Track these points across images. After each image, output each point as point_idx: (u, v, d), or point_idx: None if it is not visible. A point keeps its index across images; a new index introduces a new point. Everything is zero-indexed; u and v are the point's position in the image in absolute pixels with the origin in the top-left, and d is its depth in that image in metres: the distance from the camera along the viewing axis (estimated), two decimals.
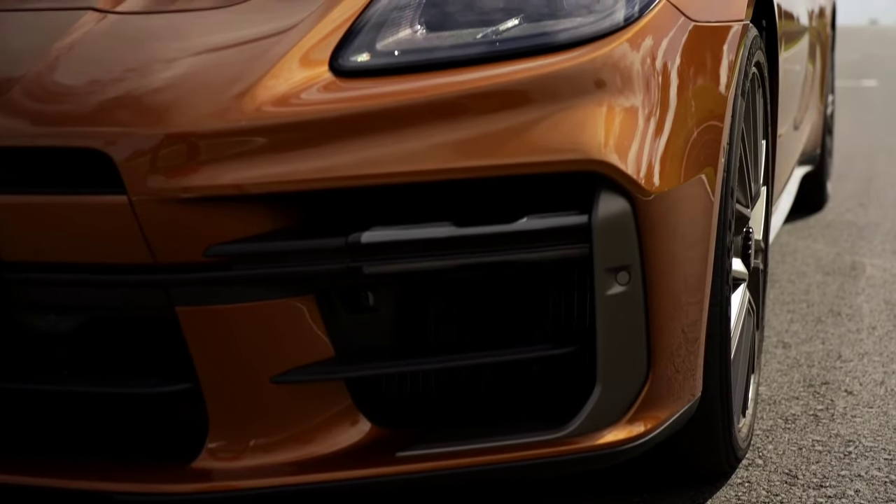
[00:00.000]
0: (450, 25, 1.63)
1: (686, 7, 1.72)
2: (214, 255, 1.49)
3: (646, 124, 1.60)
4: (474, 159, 1.51)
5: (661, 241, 1.62)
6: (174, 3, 1.63)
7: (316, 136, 1.49)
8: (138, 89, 1.51)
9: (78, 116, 1.50)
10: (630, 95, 1.59)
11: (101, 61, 1.55)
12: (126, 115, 1.49)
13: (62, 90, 1.53)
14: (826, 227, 4.56)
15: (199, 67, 1.53)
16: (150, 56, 1.55)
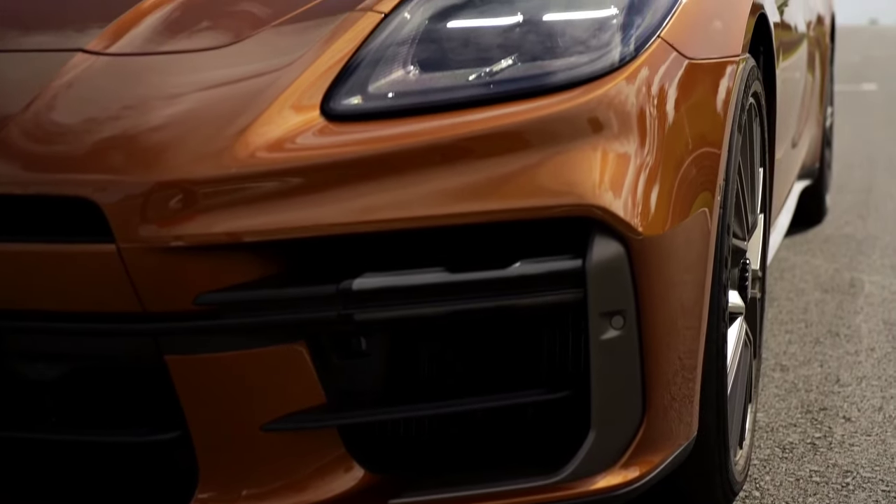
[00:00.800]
0: (443, 66, 1.61)
1: (681, 45, 1.71)
2: (204, 304, 1.47)
3: (640, 166, 1.59)
4: (467, 205, 1.50)
5: (657, 284, 1.60)
6: (164, 45, 1.62)
7: (309, 182, 1.48)
8: (127, 135, 1.49)
9: (65, 164, 1.48)
10: (624, 137, 1.58)
11: (90, 106, 1.54)
12: (115, 161, 1.48)
13: (48, 136, 1.51)
14: (825, 242, 4.54)
15: (189, 113, 1.51)
16: (140, 101, 1.53)
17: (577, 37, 1.64)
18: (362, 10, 1.63)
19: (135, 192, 1.46)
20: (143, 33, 1.63)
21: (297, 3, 1.69)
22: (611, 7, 1.68)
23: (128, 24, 1.65)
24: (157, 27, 1.65)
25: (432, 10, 1.65)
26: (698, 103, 1.72)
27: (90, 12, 1.76)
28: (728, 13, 1.90)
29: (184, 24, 1.66)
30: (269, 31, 1.63)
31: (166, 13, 1.68)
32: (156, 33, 1.64)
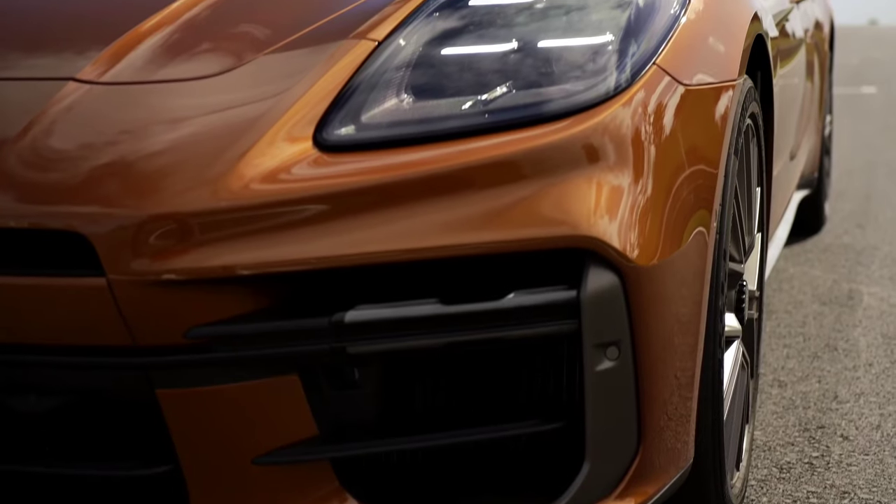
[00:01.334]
0: (437, 93, 1.60)
1: (677, 71, 1.69)
2: (195, 338, 1.46)
3: (635, 195, 1.58)
4: (460, 237, 1.49)
5: (652, 313, 1.59)
6: (156, 73, 1.60)
7: (303, 214, 1.47)
8: (118, 167, 1.48)
9: (53, 196, 1.47)
10: (619, 166, 1.57)
11: (80, 137, 1.52)
12: (104, 194, 1.46)
13: (37, 168, 1.50)
14: (823, 252, 4.53)
15: (181, 145, 1.50)
16: (131, 132, 1.52)
17: (573, 64, 1.63)
18: (356, 37, 1.62)
19: (125, 225, 1.44)
20: (135, 61, 1.62)
21: (292, 28, 1.68)
22: (606, 33, 1.67)
23: (122, 50, 1.64)
24: (151, 54, 1.64)
25: (426, 37, 1.64)
26: (694, 130, 1.71)
27: (87, 35, 1.74)
28: (725, 37, 1.88)
29: (177, 51, 1.65)
30: (263, 59, 1.61)
31: (161, 39, 1.66)
32: (149, 61, 1.62)
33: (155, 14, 1.72)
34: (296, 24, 1.69)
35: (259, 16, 1.76)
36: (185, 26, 1.70)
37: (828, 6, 5.10)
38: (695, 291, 1.70)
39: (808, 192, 4.55)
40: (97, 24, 1.79)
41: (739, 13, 2.01)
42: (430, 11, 1.67)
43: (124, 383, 1.50)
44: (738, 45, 1.92)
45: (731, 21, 1.95)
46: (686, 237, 1.66)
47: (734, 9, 1.99)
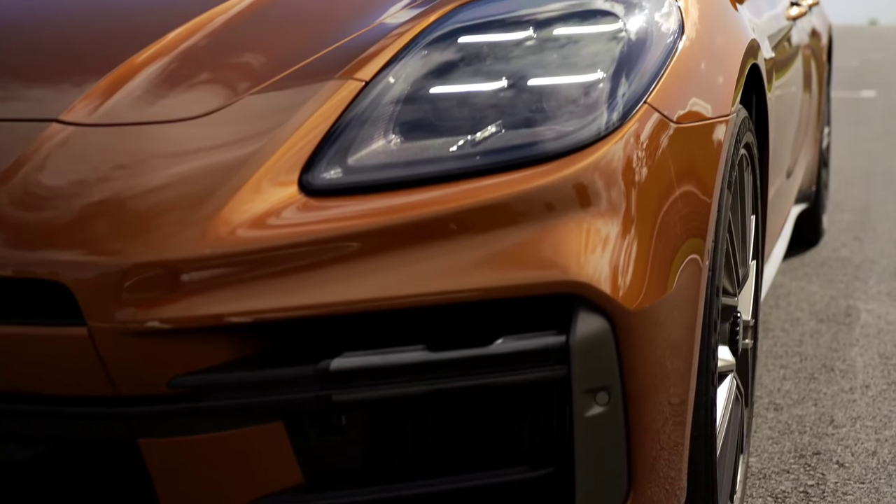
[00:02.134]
0: (425, 134, 1.58)
1: (668, 109, 1.67)
2: (178, 387, 1.44)
3: (626, 237, 1.55)
4: (448, 284, 1.47)
5: (643, 357, 1.57)
6: (141, 114, 1.58)
7: (289, 262, 1.44)
8: (100, 213, 1.46)
9: (35, 243, 1.45)
10: (610, 208, 1.55)
11: (62, 182, 1.50)
12: (86, 241, 1.44)
13: (19, 213, 1.48)
14: (821, 266, 4.51)
15: (165, 189, 1.47)
16: (114, 177, 1.49)
17: (563, 103, 1.60)
18: (342, 78, 1.60)
19: (107, 273, 1.42)
20: (120, 100, 1.60)
21: (281, 65, 1.66)
22: (597, 71, 1.65)
23: (106, 89, 1.62)
24: (136, 93, 1.61)
25: (414, 76, 1.62)
26: (687, 168, 1.69)
27: (73, 70, 1.72)
28: (718, 71, 1.86)
29: (163, 90, 1.62)
30: (249, 99, 1.59)
31: (147, 76, 1.64)
32: (134, 100, 1.60)
33: (142, 49, 1.70)
34: (285, 60, 1.67)
35: (247, 51, 1.73)
36: (174, 62, 1.67)
37: (825, 17, 5.09)
38: (687, 331, 1.68)
39: (805, 205, 4.53)
40: (85, 57, 1.76)
41: (734, 44, 1.99)
42: (419, 50, 1.64)
43: (106, 433, 1.47)
44: (731, 78, 1.89)
45: (724, 53, 1.92)
46: (678, 277, 1.64)
47: (728, 40, 1.97)
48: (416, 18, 1.73)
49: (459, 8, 1.72)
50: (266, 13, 1.84)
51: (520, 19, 1.70)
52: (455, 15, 1.71)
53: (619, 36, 1.69)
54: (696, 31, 1.82)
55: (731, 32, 2.01)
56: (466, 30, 1.68)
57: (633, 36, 1.71)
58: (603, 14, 1.72)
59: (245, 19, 1.79)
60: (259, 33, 1.78)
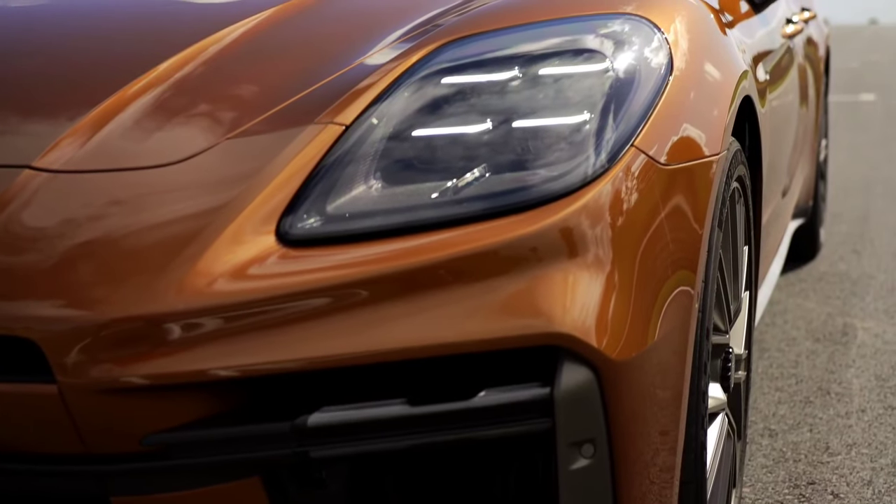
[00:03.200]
0: (406, 179, 1.54)
1: (656, 151, 1.64)
2: (152, 445, 1.40)
3: (612, 286, 1.52)
4: (430, 338, 1.43)
5: (629, 407, 1.54)
6: (116, 159, 1.54)
7: (268, 315, 1.41)
8: (72, 266, 1.43)
9: (3, 299, 1.42)
10: (595, 256, 1.51)
11: (32, 232, 1.47)
12: (57, 295, 1.41)
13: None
14: (818, 281, 4.48)
15: (139, 240, 1.44)
16: (86, 227, 1.46)
17: (548, 147, 1.57)
18: (323, 121, 1.57)
19: (77, 329, 1.39)
20: (97, 144, 1.56)
21: (263, 104, 1.63)
22: (583, 112, 1.61)
23: (85, 129, 1.59)
24: (113, 136, 1.58)
25: (395, 120, 1.58)
26: (675, 211, 1.65)
27: (48, 112, 1.69)
28: (708, 108, 1.82)
29: (142, 132, 1.59)
30: (227, 143, 1.56)
31: (126, 118, 1.60)
32: (110, 143, 1.57)
33: (119, 88, 1.67)
34: (265, 101, 1.64)
35: (227, 91, 1.70)
36: (153, 103, 1.64)
37: (822, 27, 5.05)
38: (675, 376, 1.65)
39: (802, 220, 4.50)
40: (64, 94, 1.73)
41: (725, 77, 1.95)
42: (401, 92, 1.61)
43: (78, 490, 1.44)
44: (723, 114, 1.85)
45: (716, 88, 1.88)
46: (666, 323, 1.60)
47: (719, 74, 1.93)
48: (400, 57, 1.70)
49: (443, 47, 1.69)
50: (245, 50, 1.81)
51: (504, 59, 1.67)
52: (439, 55, 1.67)
53: (607, 76, 1.66)
54: (686, 68, 1.78)
55: (722, 64, 1.98)
56: (450, 70, 1.64)
57: (621, 75, 1.67)
58: (590, 53, 1.68)
59: (225, 58, 1.76)
60: (239, 72, 1.75)
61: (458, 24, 1.77)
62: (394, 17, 1.93)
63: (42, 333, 1.39)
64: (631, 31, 1.75)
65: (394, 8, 2.05)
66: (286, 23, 1.92)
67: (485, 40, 1.71)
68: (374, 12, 2.02)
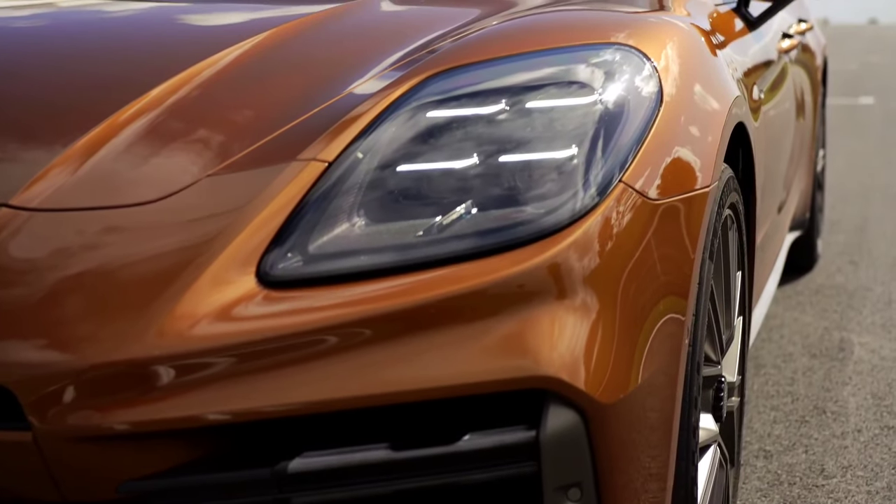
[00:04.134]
0: (390, 217, 1.51)
1: (645, 186, 1.61)
2: (128, 493, 1.38)
3: (600, 326, 1.49)
4: (414, 383, 1.40)
5: (617, 449, 1.51)
6: (95, 197, 1.52)
7: (249, 360, 1.38)
8: (49, 310, 1.40)
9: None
10: (582, 296, 1.49)
11: (9, 274, 1.44)
12: (33, 341, 1.38)
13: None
14: (815, 294, 4.45)
15: (118, 283, 1.41)
16: (64, 268, 1.43)
17: (535, 183, 1.54)
18: (305, 159, 1.54)
19: (54, 375, 1.36)
20: (75, 180, 1.54)
21: (245, 139, 1.60)
22: (571, 147, 1.58)
23: (64, 164, 1.56)
24: (91, 171, 1.55)
25: (379, 155, 1.55)
26: (665, 246, 1.62)
27: (27, 146, 1.66)
28: (699, 139, 1.79)
29: (121, 167, 1.56)
30: (207, 181, 1.53)
31: (106, 153, 1.58)
32: (88, 179, 1.54)
33: (100, 121, 1.64)
34: (248, 134, 1.61)
35: (210, 123, 1.67)
36: (135, 135, 1.62)
37: (819, 37, 5.02)
38: (665, 414, 1.63)
39: (800, 232, 4.47)
40: (48, 125, 1.71)
41: (717, 106, 1.92)
42: (385, 127, 1.58)
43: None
44: (714, 145, 1.82)
45: (707, 117, 1.85)
46: (656, 361, 1.58)
47: (711, 102, 1.90)
48: (388, 88, 1.67)
49: (430, 79, 1.66)
50: (236, 77, 1.79)
51: (491, 92, 1.64)
52: (424, 87, 1.64)
53: (595, 109, 1.63)
54: (677, 98, 1.76)
55: (713, 92, 1.95)
56: (435, 104, 1.62)
57: (610, 108, 1.64)
58: (579, 85, 1.66)
59: (214, 87, 1.74)
60: (227, 101, 1.73)
61: (446, 55, 1.74)
62: (388, 42, 1.92)
63: (16, 378, 1.36)
64: (620, 61, 1.73)
65: (389, 32, 2.04)
66: (279, 47, 1.90)
67: (472, 72, 1.68)
68: (369, 36, 2.01)
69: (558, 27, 1.88)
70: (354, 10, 2.19)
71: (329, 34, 2.02)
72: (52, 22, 2.43)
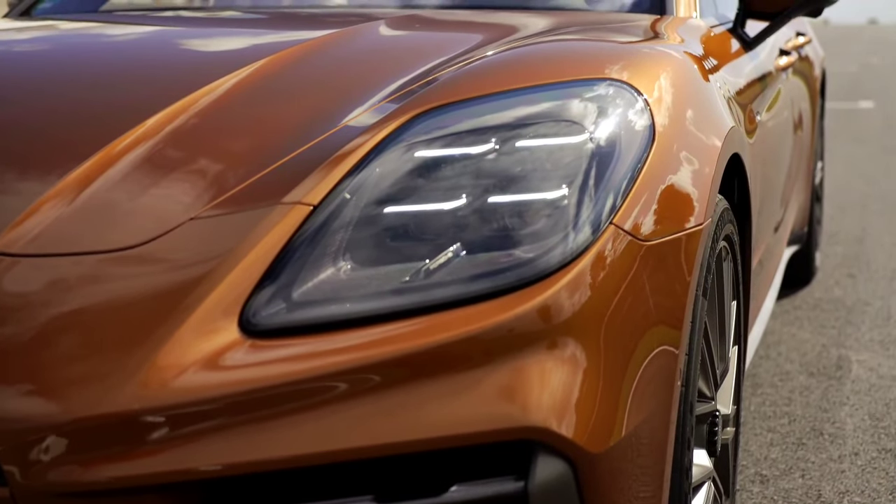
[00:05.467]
0: (377, 261, 1.49)
1: (636, 227, 1.58)
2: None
3: (588, 374, 1.47)
4: (400, 434, 1.38)
5: (608, 498, 1.49)
6: (75, 242, 1.49)
7: (231, 412, 1.35)
8: (28, 361, 1.37)
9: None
10: (572, 343, 1.46)
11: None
12: (11, 393, 1.35)
13: None
14: (813, 309, 4.42)
15: (99, 332, 1.39)
16: (45, 317, 1.40)
17: (524, 226, 1.51)
18: (290, 202, 1.51)
19: (32, 430, 1.33)
20: (58, 222, 1.51)
21: (230, 179, 1.58)
22: (562, 187, 1.55)
23: (47, 206, 1.54)
24: (74, 212, 1.53)
25: (366, 198, 1.53)
26: (657, 289, 1.60)
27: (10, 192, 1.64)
28: (692, 178, 1.75)
29: (104, 208, 1.54)
30: (191, 225, 1.50)
31: (91, 193, 1.56)
32: (71, 221, 1.52)
33: (87, 157, 1.62)
34: (234, 175, 1.59)
35: (202, 158, 1.65)
36: (120, 174, 1.59)
37: (818, 49, 4.99)
38: (657, 458, 1.60)
39: (798, 247, 4.45)
40: (37, 158, 1.69)
41: (711, 139, 1.89)
42: (372, 168, 1.56)
43: None
44: (707, 181, 1.79)
45: (701, 153, 1.82)
46: (647, 407, 1.55)
47: (705, 136, 1.87)
48: (376, 126, 1.64)
49: (418, 118, 1.63)
50: (228, 108, 1.77)
51: (481, 131, 1.61)
52: (413, 126, 1.62)
53: (586, 148, 1.60)
54: (669, 135, 1.73)
55: (707, 125, 1.92)
56: (423, 144, 1.59)
57: (602, 147, 1.62)
58: (569, 124, 1.63)
59: (207, 119, 1.73)
60: (217, 137, 1.70)
61: (436, 91, 1.71)
62: (386, 71, 1.90)
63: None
64: (613, 97, 1.70)
65: (386, 60, 2.02)
66: (277, 75, 1.89)
67: (462, 110, 1.65)
68: (367, 64, 1.99)
69: (551, 60, 1.86)
70: (352, 36, 2.17)
71: (327, 61, 2.00)
72: (49, 46, 2.41)
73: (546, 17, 2.48)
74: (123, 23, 2.69)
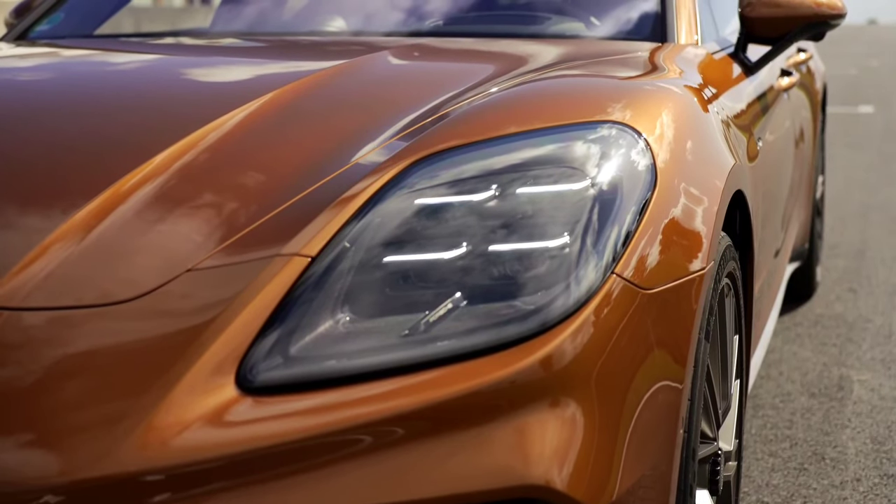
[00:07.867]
0: (376, 312, 1.47)
1: (639, 276, 1.57)
2: None
3: (590, 429, 1.45)
4: (402, 495, 1.36)
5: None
6: (69, 295, 1.47)
7: (228, 475, 1.34)
8: (21, 420, 1.35)
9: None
10: (573, 397, 1.45)
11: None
12: (8, 450, 1.34)
13: None
14: (814, 325, 4.41)
15: (93, 391, 1.37)
16: (39, 374, 1.38)
17: (525, 277, 1.50)
18: (287, 254, 1.50)
19: (26, 492, 1.32)
20: (52, 275, 1.49)
21: (228, 228, 1.57)
22: (563, 236, 1.54)
23: (41, 257, 1.52)
24: (69, 265, 1.51)
25: (364, 248, 1.51)
26: (660, 337, 1.58)
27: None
28: (694, 223, 1.73)
29: (99, 260, 1.52)
30: (187, 277, 1.49)
31: (84, 245, 1.54)
32: (65, 274, 1.50)
33: (81, 204, 1.61)
34: (232, 223, 1.57)
35: (200, 204, 1.64)
36: (113, 225, 1.58)
37: (819, 64, 4.98)
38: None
39: (799, 263, 4.43)
40: (37, 199, 1.68)
41: (713, 181, 1.87)
42: (371, 218, 1.54)
43: None
44: (710, 222, 1.78)
45: (703, 194, 1.80)
46: (649, 458, 1.54)
47: (707, 178, 1.85)
48: (380, 170, 1.63)
49: (418, 164, 1.62)
50: (237, 146, 1.76)
51: (482, 177, 1.60)
52: (412, 173, 1.60)
53: (587, 195, 1.59)
54: (671, 179, 1.71)
55: (710, 165, 1.90)
56: (422, 192, 1.58)
57: (603, 193, 1.60)
58: (570, 170, 1.61)
59: (213, 155, 1.72)
60: (227, 173, 1.70)
61: (436, 134, 1.70)
62: (394, 106, 1.89)
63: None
64: (614, 139, 1.69)
65: (395, 94, 2.01)
66: (286, 109, 1.88)
67: (462, 155, 1.64)
68: (376, 98, 1.99)
69: (554, 100, 1.85)
70: (359, 67, 2.16)
71: (336, 94, 1.99)
72: (51, 75, 2.39)
73: (548, 47, 2.47)
74: (124, 51, 2.68)
